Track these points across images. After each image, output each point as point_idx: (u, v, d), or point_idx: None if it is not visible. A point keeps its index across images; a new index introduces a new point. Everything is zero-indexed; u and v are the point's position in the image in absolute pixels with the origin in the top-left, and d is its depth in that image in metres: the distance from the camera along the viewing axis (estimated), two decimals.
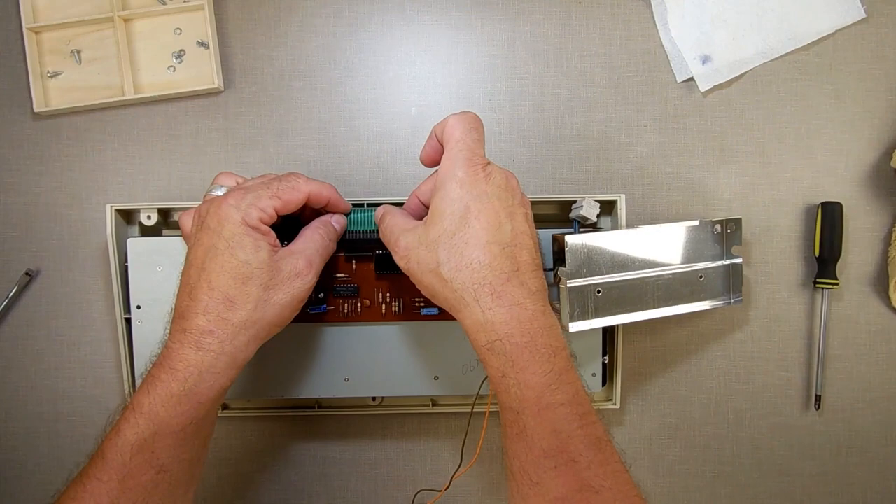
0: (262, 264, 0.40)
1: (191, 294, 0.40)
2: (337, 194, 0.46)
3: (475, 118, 0.41)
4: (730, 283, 0.50)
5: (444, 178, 0.39)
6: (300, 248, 0.43)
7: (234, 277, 0.39)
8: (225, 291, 0.39)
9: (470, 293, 0.38)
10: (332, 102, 0.55)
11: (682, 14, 0.55)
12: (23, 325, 0.55)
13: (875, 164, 0.56)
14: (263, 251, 0.40)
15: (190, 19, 0.54)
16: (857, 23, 0.55)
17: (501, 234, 0.38)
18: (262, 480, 0.56)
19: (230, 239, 0.39)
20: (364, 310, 0.50)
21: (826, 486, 0.56)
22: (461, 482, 0.55)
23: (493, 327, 0.37)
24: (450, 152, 0.40)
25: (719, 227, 0.50)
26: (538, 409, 0.37)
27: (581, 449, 0.37)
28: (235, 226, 0.39)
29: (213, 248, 0.40)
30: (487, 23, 0.56)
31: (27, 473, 0.55)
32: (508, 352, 0.37)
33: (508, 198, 0.39)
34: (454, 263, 0.38)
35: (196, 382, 0.39)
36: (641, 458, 0.56)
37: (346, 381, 0.50)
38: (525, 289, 0.38)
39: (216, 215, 0.40)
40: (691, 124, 0.56)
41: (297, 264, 0.42)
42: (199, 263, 0.40)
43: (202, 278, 0.39)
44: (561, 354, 0.38)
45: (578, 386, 0.38)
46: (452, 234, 0.38)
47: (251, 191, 0.41)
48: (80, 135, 0.55)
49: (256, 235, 0.40)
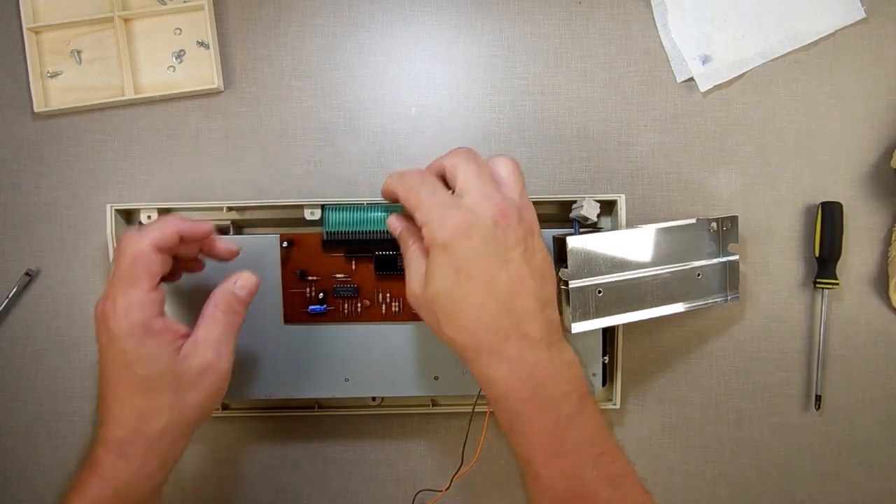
0: (164, 373, 0.38)
1: (104, 404, 0.38)
2: (188, 224, 0.40)
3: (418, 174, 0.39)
4: (726, 281, 0.50)
5: (429, 243, 0.37)
6: (203, 336, 0.40)
7: (140, 391, 0.38)
8: (135, 405, 0.38)
9: (470, 352, 0.37)
10: (332, 102, 0.55)
11: (682, 14, 0.55)
12: (23, 325, 0.55)
13: (875, 164, 0.56)
14: (164, 358, 0.38)
15: (190, 19, 0.54)
16: (857, 23, 0.55)
17: (495, 288, 0.37)
18: (262, 480, 0.56)
19: (125, 353, 0.37)
20: (364, 310, 0.50)
21: (826, 486, 0.56)
22: (462, 482, 0.55)
23: (495, 384, 0.37)
24: (426, 221, 0.37)
25: (715, 224, 0.50)
26: (548, 458, 0.37)
27: (598, 490, 0.36)
28: (125, 337, 0.37)
29: (112, 363, 0.38)
30: (487, 23, 0.56)
31: (27, 473, 0.55)
32: (512, 407, 0.37)
33: (499, 243, 0.37)
34: (452, 324, 0.37)
35: (127, 487, 0.38)
36: (641, 458, 0.56)
37: (346, 381, 0.50)
38: (526, 340, 0.37)
39: (102, 329, 0.38)
40: (691, 124, 0.56)
41: (204, 358, 0.39)
42: (105, 377, 0.38)
43: (110, 392, 0.38)
44: (570, 398, 0.37)
45: (593, 424, 0.38)
46: (445, 297, 0.37)
47: (110, 292, 0.38)
48: (80, 135, 0.55)
49: (150, 343, 0.38)
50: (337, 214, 0.49)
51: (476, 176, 0.38)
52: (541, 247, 0.39)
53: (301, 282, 0.50)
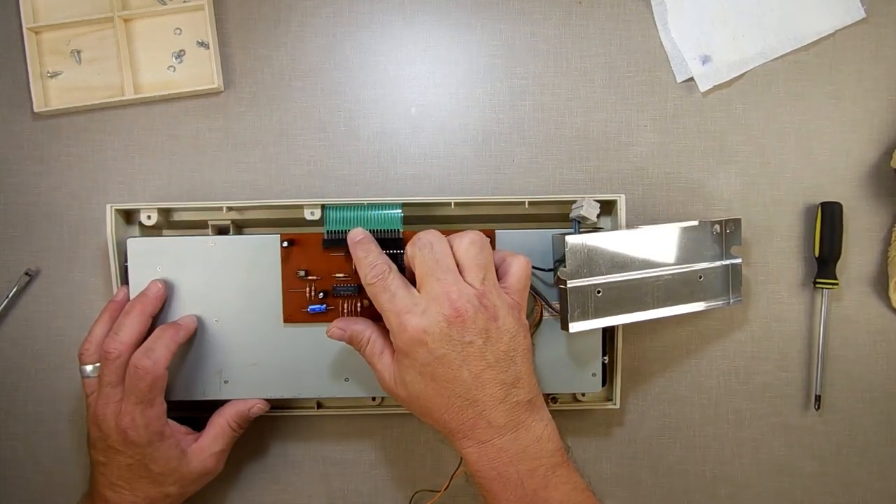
0: (173, 471, 0.46)
1: (113, 489, 0.45)
2: (181, 332, 0.47)
3: (377, 277, 0.42)
4: (729, 284, 0.50)
5: (396, 349, 0.41)
6: (208, 445, 0.48)
7: (151, 483, 0.45)
8: (146, 493, 0.45)
9: (446, 435, 0.42)
10: (332, 102, 0.55)
11: (682, 14, 0.55)
12: (23, 325, 0.55)
13: (875, 164, 0.56)
14: (173, 460, 0.45)
15: (190, 19, 0.54)
16: (857, 23, 0.55)
17: (458, 385, 0.40)
18: (262, 480, 0.56)
19: (142, 458, 0.44)
20: (364, 310, 0.50)
21: (826, 486, 0.56)
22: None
23: (468, 463, 0.41)
24: (389, 327, 0.41)
25: (718, 227, 0.50)
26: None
27: None
28: (143, 447, 0.44)
29: (127, 465, 0.45)
30: (487, 23, 0.56)
31: (27, 473, 0.55)
32: (482, 484, 0.41)
33: (455, 343, 0.39)
34: (426, 417, 0.42)
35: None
36: (641, 458, 0.56)
37: (346, 381, 0.50)
38: (491, 427, 0.40)
39: (119, 440, 0.44)
40: (691, 124, 0.56)
41: (206, 465, 0.48)
42: (116, 471, 0.45)
43: (123, 482, 0.45)
44: (535, 474, 0.40)
45: (563, 493, 0.41)
46: (416, 397, 0.41)
47: (132, 412, 0.44)
48: (80, 135, 0.55)
49: (163, 446, 0.45)
50: (337, 214, 0.49)
51: (431, 271, 0.40)
52: (508, 327, 0.40)
53: (301, 281, 0.50)
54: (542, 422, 0.41)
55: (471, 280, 0.40)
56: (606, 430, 0.56)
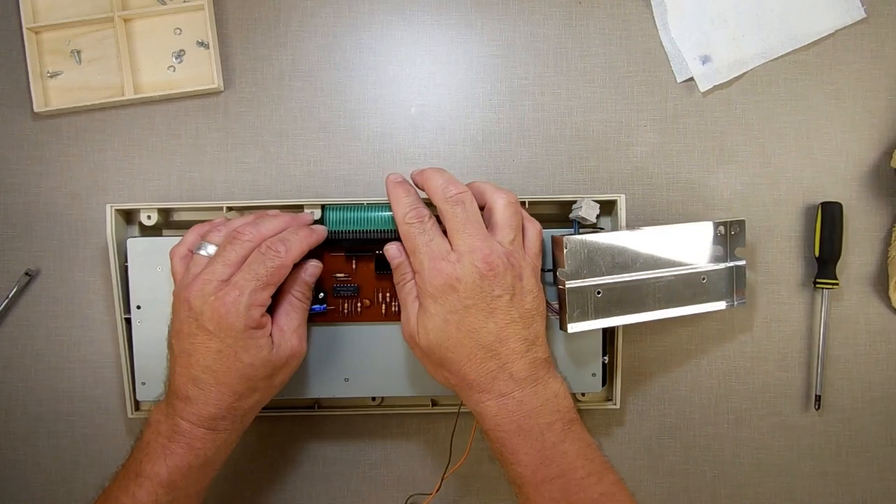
0: (265, 363, 0.42)
1: (197, 385, 0.42)
2: (314, 236, 0.46)
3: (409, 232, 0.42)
4: (733, 286, 0.50)
5: (421, 290, 0.42)
6: (286, 325, 0.44)
7: (240, 377, 0.42)
8: (233, 388, 0.42)
9: (462, 390, 0.42)
10: (332, 102, 0.55)
11: (682, 14, 0.55)
12: (23, 325, 0.55)
13: (875, 164, 0.56)
14: (265, 349, 0.42)
15: (190, 19, 0.54)
16: (857, 23, 0.55)
17: (483, 337, 0.41)
18: (262, 480, 0.56)
19: (234, 344, 0.41)
20: (364, 310, 0.50)
21: (826, 486, 0.56)
22: (455, 483, 0.55)
23: (485, 419, 0.41)
24: (419, 269, 0.42)
25: (723, 228, 0.49)
26: (535, 484, 0.40)
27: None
28: (238, 332, 0.41)
29: (216, 351, 0.41)
30: (487, 23, 0.56)
31: (27, 473, 0.55)
32: (501, 438, 0.41)
33: (485, 295, 0.40)
34: (446, 368, 0.42)
35: (213, 455, 0.43)
36: (641, 458, 0.56)
37: (346, 381, 0.50)
38: (513, 380, 0.41)
39: (214, 319, 0.41)
40: (691, 124, 0.56)
41: (291, 345, 0.44)
42: (203, 361, 0.41)
43: (209, 375, 0.42)
44: (553, 427, 0.41)
45: (578, 448, 0.41)
46: (438, 347, 0.41)
47: (243, 288, 0.41)
48: (80, 135, 0.55)
49: (258, 335, 0.42)
50: (337, 214, 0.49)
51: (464, 226, 0.41)
52: (531, 287, 0.42)
53: None
54: (557, 379, 0.43)
55: (500, 239, 0.42)
56: (606, 430, 0.56)
